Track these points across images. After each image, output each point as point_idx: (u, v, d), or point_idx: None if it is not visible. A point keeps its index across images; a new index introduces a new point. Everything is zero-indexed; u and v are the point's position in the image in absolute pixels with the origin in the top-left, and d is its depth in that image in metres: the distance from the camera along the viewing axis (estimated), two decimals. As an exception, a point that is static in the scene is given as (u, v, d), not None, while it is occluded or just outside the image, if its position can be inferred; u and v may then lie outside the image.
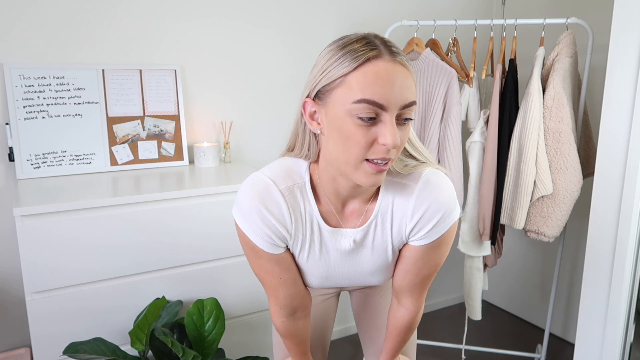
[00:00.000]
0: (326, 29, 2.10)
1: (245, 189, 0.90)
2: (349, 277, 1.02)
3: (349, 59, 0.77)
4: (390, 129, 0.76)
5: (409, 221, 0.92)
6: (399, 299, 1.05)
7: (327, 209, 0.93)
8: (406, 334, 1.09)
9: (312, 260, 0.98)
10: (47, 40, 1.64)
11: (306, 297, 1.06)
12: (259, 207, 0.89)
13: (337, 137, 0.80)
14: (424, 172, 0.91)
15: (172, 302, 1.50)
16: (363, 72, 0.76)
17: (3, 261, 1.68)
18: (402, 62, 0.78)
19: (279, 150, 2.09)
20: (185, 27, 1.84)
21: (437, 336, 2.41)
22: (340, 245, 0.96)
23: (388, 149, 0.77)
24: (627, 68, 1.42)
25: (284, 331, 1.07)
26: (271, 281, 0.98)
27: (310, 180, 0.92)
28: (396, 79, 0.76)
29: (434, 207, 0.89)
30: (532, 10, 2.33)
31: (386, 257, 0.98)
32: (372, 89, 0.75)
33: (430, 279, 1.01)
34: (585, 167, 1.93)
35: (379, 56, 0.77)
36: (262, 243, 0.92)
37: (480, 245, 1.95)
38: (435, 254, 0.96)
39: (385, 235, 0.95)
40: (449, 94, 1.84)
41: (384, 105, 0.76)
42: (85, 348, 1.31)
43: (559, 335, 2.41)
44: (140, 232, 1.42)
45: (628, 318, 1.56)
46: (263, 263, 0.96)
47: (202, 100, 1.91)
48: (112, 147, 1.72)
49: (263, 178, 0.90)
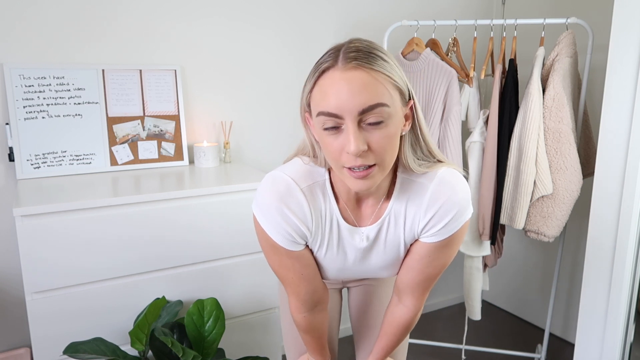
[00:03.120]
0: (326, 29, 2.10)
1: (265, 187, 0.91)
2: (362, 271, 1.04)
3: (312, 75, 0.81)
4: (352, 137, 0.77)
5: (422, 218, 0.92)
6: (400, 296, 1.05)
7: (345, 207, 0.95)
8: (401, 334, 1.09)
9: (329, 256, 0.99)
10: (47, 40, 1.64)
11: (325, 291, 1.07)
12: (280, 205, 0.90)
13: (322, 147, 0.84)
14: (439, 171, 0.91)
15: (172, 302, 1.50)
16: (319, 86, 0.80)
17: (3, 261, 1.68)
18: (360, 65, 0.77)
19: (279, 150, 2.10)
20: (185, 27, 1.84)
21: (437, 336, 2.41)
22: (356, 242, 0.97)
23: (354, 156, 0.78)
24: (627, 68, 1.42)
25: (306, 326, 1.08)
26: (292, 278, 1.00)
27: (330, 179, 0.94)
28: (349, 85, 0.76)
29: (448, 205, 0.90)
30: (532, 10, 2.33)
31: (398, 252, 0.99)
32: (325, 101, 0.78)
33: (434, 280, 1.01)
34: (585, 167, 1.93)
35: (332, 67, 0.78)
36: (283, 240, 0.93)
37: (480, 245, 1.95)
38: (443, 254, 0.96)
39: (398, 231, 0.96)
40: (449, 94, 1.84)
41: (338, 114, 0.77)
42: (85, 348, 1.31)
43: (559, 335, 2.41)
44: (140, 232, 1.42)
45: (628, 318, 1.56)
46: (283, 260, 0.97)
47: (202, 100, 1.91)
48: (112, 147, 1.72)
49: (284, 177, 0.91)
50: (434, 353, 2.28)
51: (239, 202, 1.54)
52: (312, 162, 0.94)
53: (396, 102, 0.81)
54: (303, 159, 0.95)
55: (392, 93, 0.80)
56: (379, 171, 0.82)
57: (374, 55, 0.78)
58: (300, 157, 0.96)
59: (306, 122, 0.89)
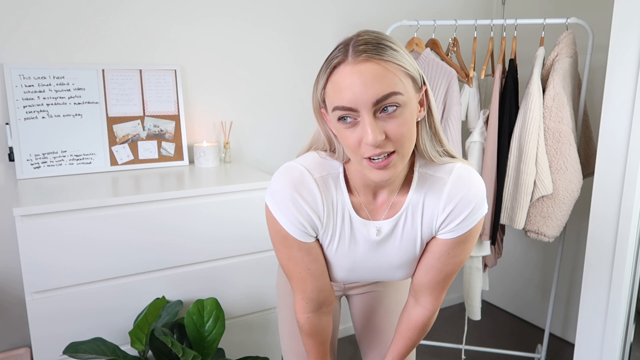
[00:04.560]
0: (327, 29, 2.10)
1: (279, 176, 0.93)
2: (375, 271, 1.03)
3: (324, 71, 0.83)
4: (368, 128, 0.78)
5: (440, 213, 0.93)
6: (418, 297, 1.05)
7: (359, 201, 0.95)
8: (418, 336, 1.09)
9: (340, 252, 0.99)
10: (47, 40, 1.64)
11: (331, 292, 1.07)
12: (293, 194, 0.91)
13: (340, 140, 0.85)
14: (456, 166, 0.92)
15: (172, 302, 1.50)
16: (332, 82, 0.81)
17: (3, 261, 1.68)
18: (370, 58, 0.78)
19: (279, 149, 2.10)
20: (185, 27, 1.84)
21: (437, 336, 2.41)
22: (370, 236, 0.97)
23: (373, 146, 0.79)
24: (627, 68, 1.42)
25: (309, 328, 1.07)
26: (299, 273, 0.99)
27: (344, 172, 0.95)
28: (361, 78, 0.78)
29: (465, 200, 0.90)
30: (532, 10, 2.33)
31: (414, 249, 0.99)
32: (339, 96, 0.79)
33: (452, 277, 1.01)
34: (585, 167, 1.93)
35: (342, 62, 0.80)
36: (294, 230, 0.93)
37: (479, 245, 1.95)
38: (460, 249, 0.96)
39: (415, 227, 0.96)
40: (449, 94, 1.84)
41: (353, 108, 0.79)
42: (85, 348, 1.31)
43: (559, 335, 2.41)
44: (140, 232, 1.42)
45: (628, 318, 1.56)
46: (293, 252, 0.97)
47: (202, 100, 1.91)
48: (112, 147, 1.72)
49: (298, 167, 0.93)
50: (433, 353, 2.28)
51: (239, 202, 1.54)
52: (329, 156, 0.95)
53: (409, 89, 0.82)
54: (319, 153, 0.96)
55: (404, 81, 0.81)
56: (398, 159, 0.82)
57: (383, 45, 0.80)
58: (317, 152, 0.97)
59: (322, 117, 0.91)
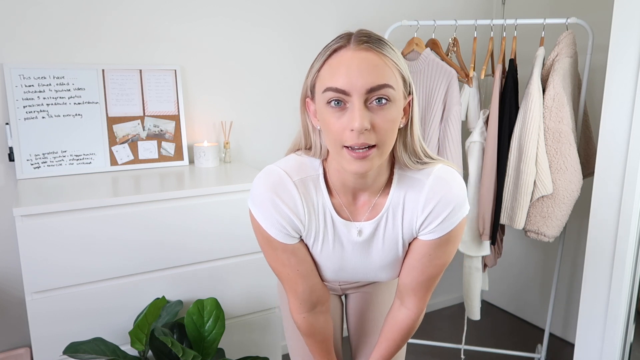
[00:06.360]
0: (327, 29, 2.10)
1: (259, 180, 0.94)
2: (361, 271, 1.03)
3: (321, 55, 0.84)
4: (357, 113, 0.79)
5: (419, 214, 0.93)
6: (402, 298, 1.05)
7: (339, 202, 0.96)
8: (402, 339, 1.08)
9: (325, 252, 0.99)
10: (48, 40, 1.64)
11: (324, 290, 1.07)
12: (272, 196, 0.92)
13: (323, 128, 0.85)
14: (435, 167, 0.93)
15: (172, 302, 1.50)
16: (329, 64, 0.82)
17: (3, 261, 1.68)
18: (371, 48, 0.80)
19: (279, 149, 2.09)
20: (185, 27, 1.84)
21: (436, 336, 2.41)
22: (352, 237, 0.97)
23: (358, 133, 0.79)
24: (627, 68, 1.42)
25: (306, 328, 1.07)
26: (289, 274, 1.00)
27: (324, 174, 0.95)
28: (359, 64, 0.79)
29: (445, 200, 0.91)
30: (532, 10, 2.33)
31: (397, 250, 0.99)
32: (335, 77, 0.80)
33: (435, 280, 1.01)
34: (585, 167, 1.93)
35: (344, 46, 0.81)
36: (276, 233, 0.94)
37: (479, 245, 1.95)
38: (442, 252, 0.96)
39: (396, 228, 0.96)
40: (449, 94, 1.84)
41: (346, 90, 0.79)
42: (85, 348, 1.31)
43: (559, 335, 2.41)
44: (140, 232, 1.42)
45: (628, 318, 1.56)
46: (279, 255, 0.97)
47: (202, 100, 1.91)
48: (112, 147, 1.72)
49: (277, 170, 0.93)
50: (433, 353, 2.28)
51: (239, 202, 1.54)
52: (305, 154, 0.96)
53: (400, 88, 0.83)
54: (297, 153, 0.97)
55: (398, 79, 0.83)
56: (377, 154, 0.83)
57: (384, 42, 0.82)
58: (295, 153, 0.98)
59: (306, 107, 0.91)
